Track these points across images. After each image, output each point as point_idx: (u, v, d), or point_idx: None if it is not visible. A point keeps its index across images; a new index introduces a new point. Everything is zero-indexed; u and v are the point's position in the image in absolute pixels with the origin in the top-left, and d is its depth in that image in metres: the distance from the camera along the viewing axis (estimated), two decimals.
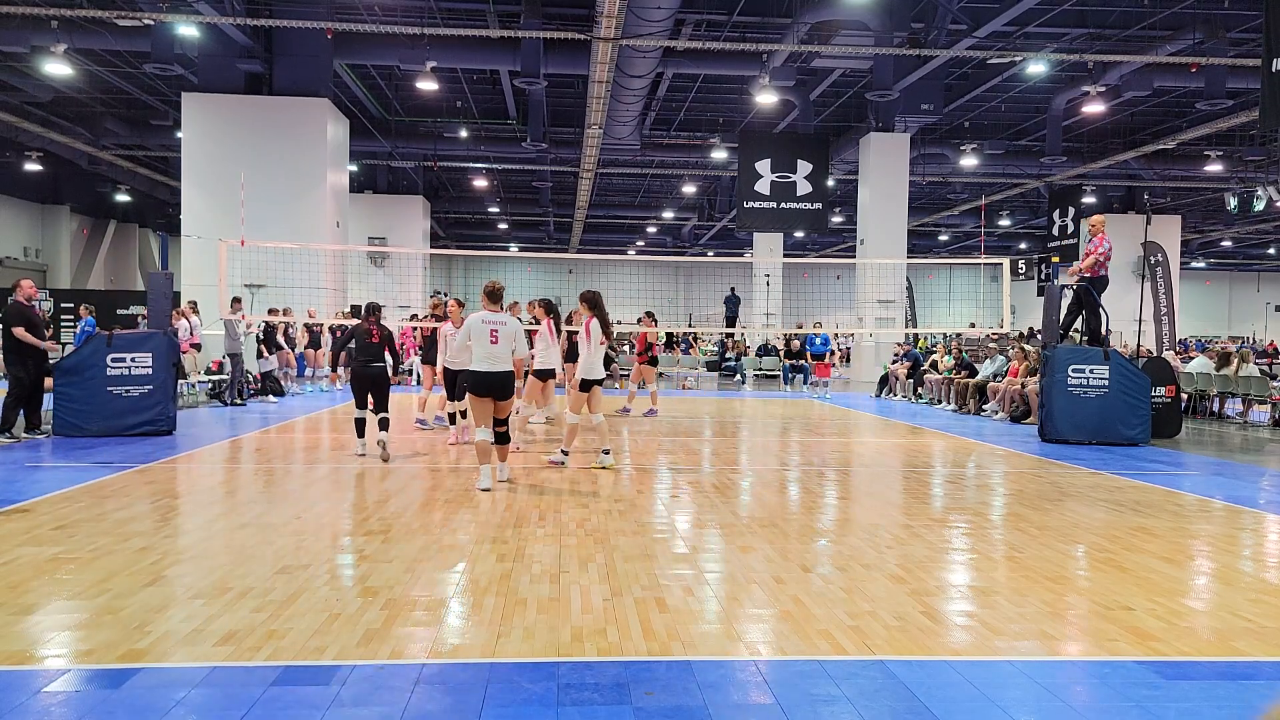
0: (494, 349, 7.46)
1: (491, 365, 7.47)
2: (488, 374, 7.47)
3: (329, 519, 6.40)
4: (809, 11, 16.98)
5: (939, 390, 17.29)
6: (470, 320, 7.60)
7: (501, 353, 7.48)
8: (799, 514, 6.99)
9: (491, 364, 7.47)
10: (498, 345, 7.47)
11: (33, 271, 30.30)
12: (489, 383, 7.48)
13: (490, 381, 7.48)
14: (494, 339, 7.47)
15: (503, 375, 7.51)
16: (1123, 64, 18.40)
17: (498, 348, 7.47)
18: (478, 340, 7.49)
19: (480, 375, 7.49)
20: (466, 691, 3.42)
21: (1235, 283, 51.94)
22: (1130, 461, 9.91)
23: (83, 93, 23.27)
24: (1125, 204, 31.57)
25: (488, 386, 7.48)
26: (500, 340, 7.49)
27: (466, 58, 19.58)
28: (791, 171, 21.74)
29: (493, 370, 7.47)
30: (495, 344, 7.46)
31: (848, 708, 3.35)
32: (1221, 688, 3.63)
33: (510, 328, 7.59)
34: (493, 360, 7.47)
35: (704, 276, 45.46)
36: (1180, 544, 6.08)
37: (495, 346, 7.46)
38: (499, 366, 7.48)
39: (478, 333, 7.50)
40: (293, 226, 18.34)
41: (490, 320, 7.55)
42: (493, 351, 7.46)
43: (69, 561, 5.07)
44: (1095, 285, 11.85)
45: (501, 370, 7.49)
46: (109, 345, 10.44)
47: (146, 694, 3.35)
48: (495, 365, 7.47)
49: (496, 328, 7.52)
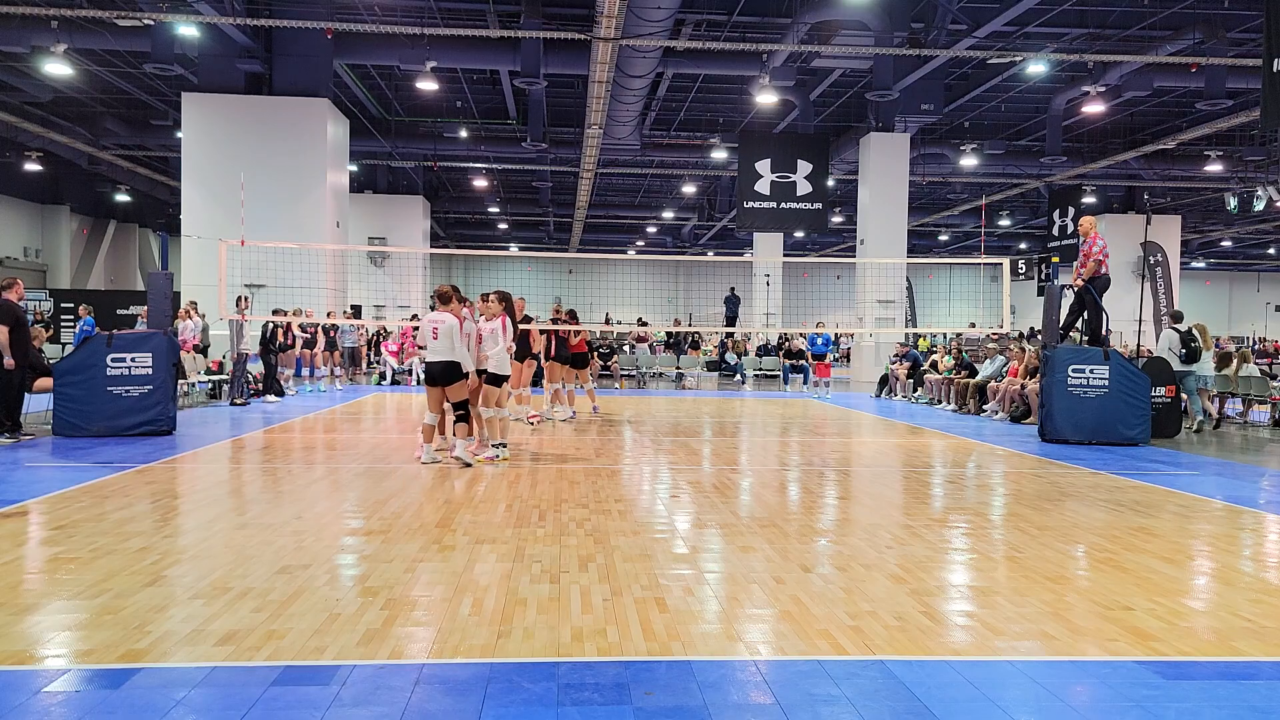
0: (434, 344, 8.70)
1: (434, 356, 8.72)
2: (429, 364, 8.80)
3: (329, 519, 6.40)
4: (809, 11, 16.97)
5: (939, 390, 17.29)
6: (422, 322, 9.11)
7: (441, 346, 8.66)
8: (799, 514, 6.99)
9: (434, 355, 8.73)
10: (437, 340, 8.68)
11: (33, 271, 30.31)
12: (431, 372, 8.78)
13: (432, 371, 8.76)
14: (434, 335, 8.72)
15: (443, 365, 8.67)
16: (1123, 64, 18.39)
17: (437, 343, 8.69)
18: (423, 337, 8.92)
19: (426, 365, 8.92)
20: (466, 691, 3.42)
21: (1235, 283, 51.95)
22: (1130, 461, 9.91)
23: (83, 93, 23.27)
24: (1125, 204, 31.55)
25: (430, 376, 8.81)
26: (440, 336, 8.68)
27: (466, 58, 19.58)
28: (791, 171, 21.74)
29: (434, 360, 8.72)
30: (435, 339, 8.70)
31: (848, 708, 3.35)
32: (1221, 688, 3.63)
33: (447, 325, 8.74)
34: (434, 353, 8.72)
35: (704, 276, 45.45)
36: (1180, 544, 6.07)
37: (435, 341, 8.69)
38: (439, 358, 8.67)
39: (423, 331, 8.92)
40: (293, 226, 18.34)
41: (433, 319, 8.80)
42: (433, 346, 8.71)
43: (69, 561, 5.07)
44: (1096, 285, 11.85)
45: (441, 361, 8.67)
46: (109, 345, 10.44)
47: (146, 694, 3.35)
48: (437, 357, 8.69)
49: (436, 325, 8.73)
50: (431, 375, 8.73)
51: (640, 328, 28.66)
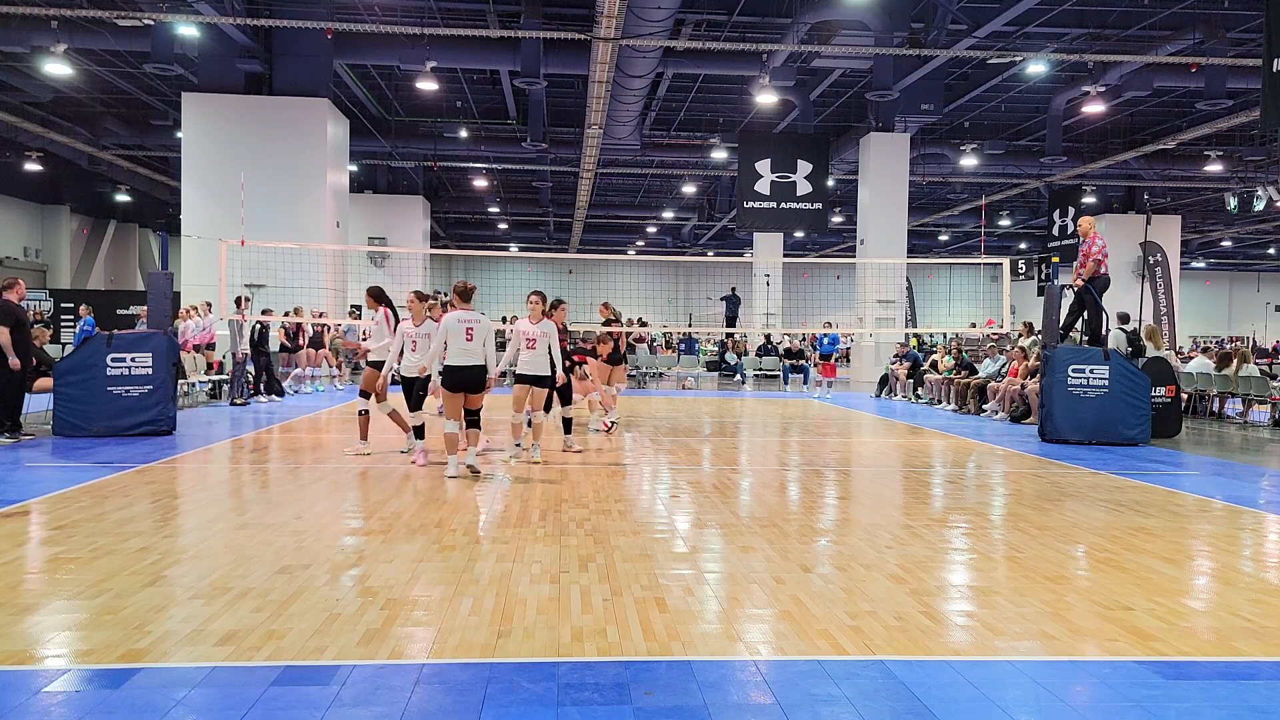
0: (468, 345, 7.97)
1: (466, 360, 7.99)
2: (461, 369, 8.00)
3: (329, 519, 6.40)
4: (809, 11, 16.98)
5: (939, 390, 17.29)
6: (446, 319, 8.04)
7: (477, 348, 8.00)
8: (799, 514, 6.99)
9: (466, 359, 8.00)
10: (471, 342, 7.98)
11: (33, 271, 30.31)
12: (463, 377, 8.01)
13: (467, 376, 8.03)
14: (469, 336, 7.97)
15: (480, 370, 8.08)
16: (1123, 64, 18.39)
17: (472, 344, 7.98)
18: (453, 338, 7.98)
19: (454, 370, 8.02)
20: (466, 691, 3.42)
21: (1235, 283, 51.93)
22: (1130, 461, 9.91)
23: (83, 93, 23.27)
24: (1125, 204, 31.54)
25: (462, 381, 8.02)
26: (474, 337, 8.01)
27: (466, 58, 19.58)
28: (791, 171, 21.74)
29: (466, 365, 8.01)
30: (470, 340, 7.97)
31: (848, 708, 3.35)
32: (1221, 688, 3.63)
33: (484, 325, 8.11)
34: (467, 355, 8.00)
35: (704, 276, 45.42)
36: (1180, 544, 6.07)
37: (469, 343, 7.97)
38: (472, 361, 8.01)
39: (454, 331, 7.98)
40: (293, 226, 18.34)
41: (465, 319, 8.04)
42: (467, 348, 7.98)
43: (69, 561, 5.07)
44: (1095, 284, 11.85)
45: (478, 365, 8.05)
46: (109, 345, 10.44)
47: (146, 694, 3.35)
48: (469, 360, 8.01)
49: (471, 325, 8.01)
50: (465, 380, 8.02)
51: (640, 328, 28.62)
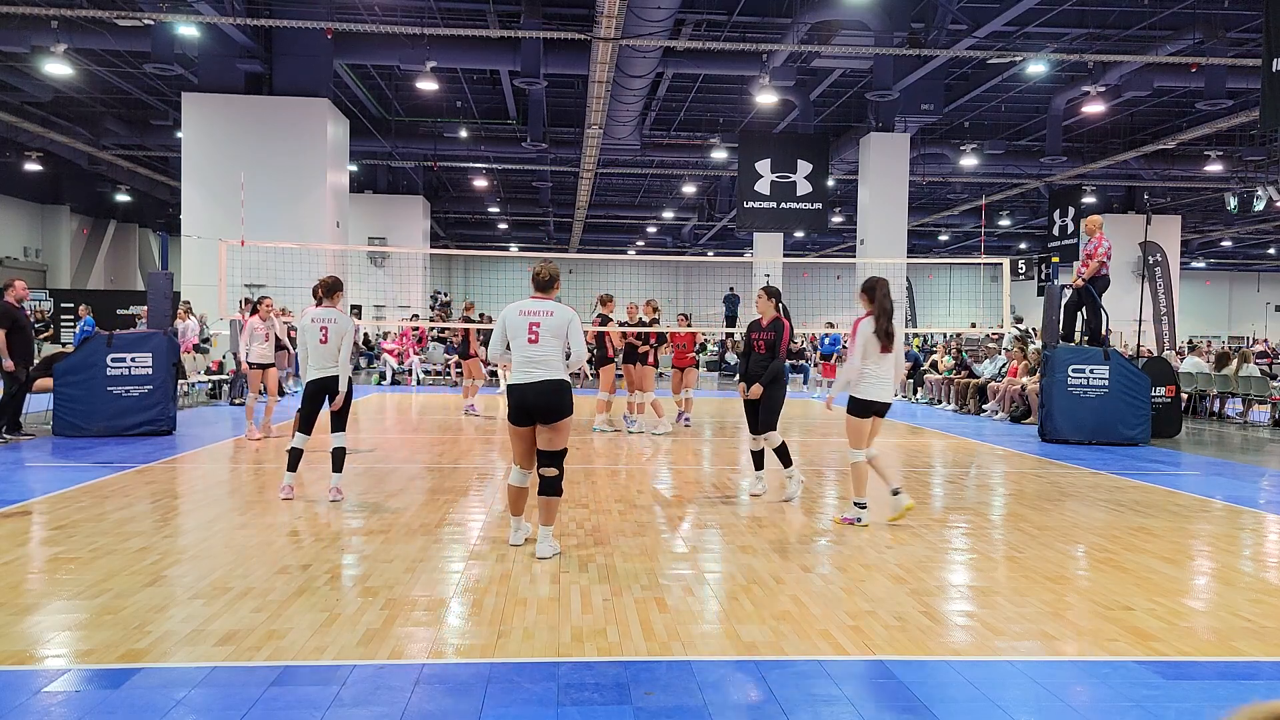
0: (533, 349, 5.29)
1: (529, 375, 5.27)
2: (523, 386, 5.25)
3: (329, 519, 6.40)
4: (809, 11, 16.97)
5: (939, 390, 17.29)
6: (505, 313, 5.45)
7: (548, 353, 5.28)
8: (799, 513, 6.99)
9: (529, 372, 5.27)
10: (538, 345, 5.29)
11: (33, 271, 30.30)
12: (525, 401, 5.25)
13: (527, 397, 5.24)
14: (533, 337, 5.29)
15: (544, 386, 5.22)
16: (1123, 64, 18.38)
17: (538, 348, 5.28)
18: (515, 339, 5.35)
19: (516, 390, 5.28)
20: (466, 691, 3.42)
21: (1235, 283, 51.91)
22: (1130, 461, 9.91)
23: (83, 93, 23.26)
24: (1125, 204, 31.55)
25: (525, 409, 5.26)
26: (542, 337, 5.27)
27: (466, 58, 19.57)
28: (791, 171, 21.72)
29: (530, 381, 5.25)
30: (535, 343, 5.30)
31: (848, 708, 3.35)
32: (1221, 688, 3.63)
33: (558, 318, 5.33)
34: (532, 366, 5.27)
35: (704, 276, 45.42)
36: (1180, 544, 6.07)
37: (536, 347, 5.29)
38: (539, 375, 5.26)
39: (515, 328, 5.35)
40: (293, 226, 18.33)
41: (529, 310, 5.37)
42: (533, 354, 5.29)
43: (69, 561, 5.07)
44: (1096, 285, 11.84)
45: (541, 380, 5.23)
46: (109, 345, 10.44)
47: (146, 694, 3.35)
48: (534, 374, 5.26)
49: (538, 320, 5.32)
50: (534, 406, 5.23)
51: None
